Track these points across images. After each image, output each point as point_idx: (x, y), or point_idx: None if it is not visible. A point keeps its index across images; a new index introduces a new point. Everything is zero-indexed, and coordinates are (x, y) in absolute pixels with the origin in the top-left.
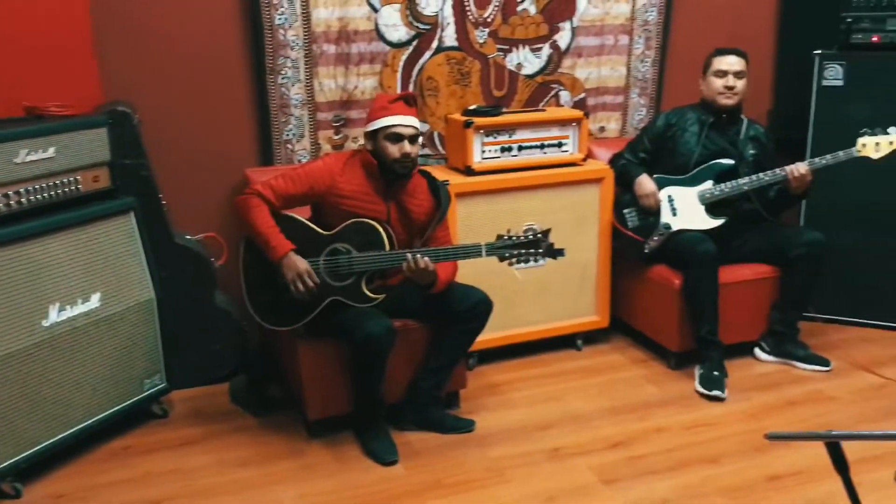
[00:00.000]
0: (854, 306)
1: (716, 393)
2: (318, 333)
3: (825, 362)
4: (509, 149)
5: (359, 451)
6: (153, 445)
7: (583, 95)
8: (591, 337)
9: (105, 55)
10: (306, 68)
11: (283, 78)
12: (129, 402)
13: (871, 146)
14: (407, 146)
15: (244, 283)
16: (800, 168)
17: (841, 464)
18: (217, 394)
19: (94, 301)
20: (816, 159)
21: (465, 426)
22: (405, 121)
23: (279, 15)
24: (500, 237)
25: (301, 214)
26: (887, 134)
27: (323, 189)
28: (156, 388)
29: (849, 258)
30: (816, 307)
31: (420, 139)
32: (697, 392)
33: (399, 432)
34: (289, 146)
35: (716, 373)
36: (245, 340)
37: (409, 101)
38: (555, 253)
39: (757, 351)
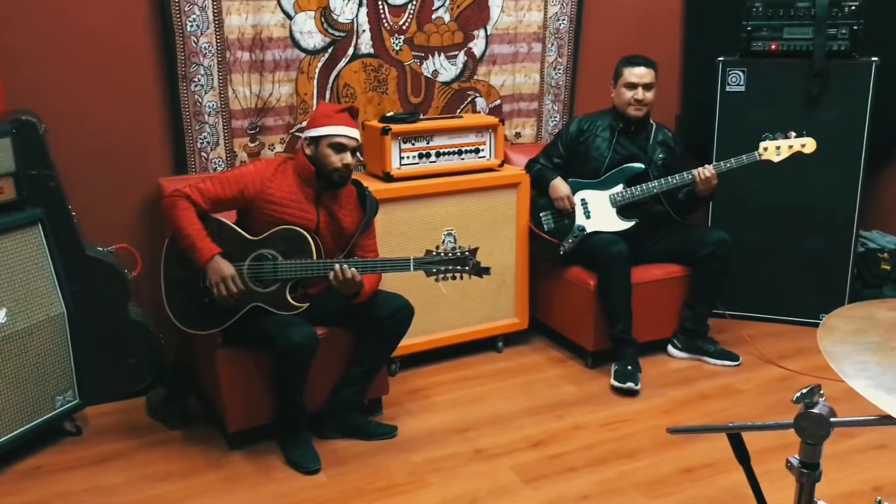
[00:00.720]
0: (760, 303)
1: (629, 385)
2: (236, 342)
3: (734, 357)
4: (427, 155)
5: (281, 461)
6: (66, 464)
7: (498, 102)
8: (511, 339)
9: (7, 62)
10: (220, 76)
11: (196, 85)
12: (39, 420)
13: (773, 150)
14: (348, 157)
15: (164, 283)
16: (706, 171)
17: (742, 454)
18: (133, 408)
19: (0, 317)
20: (722, 163)
21: (388, 432)
22: (350, 132)
23: (191, 22)
24: (428, 252)
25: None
26: (787, 138)
27: (253, 194)
28: (68, 405)
29: (754, 257)
30: (725, 304)
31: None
32: (612, 386)
33: (322, 440)
34: (203, 154)
35: (629, 367)
36: (161, 353)
37: (354, 114)
38: (481, 271)
39: (670, 348)
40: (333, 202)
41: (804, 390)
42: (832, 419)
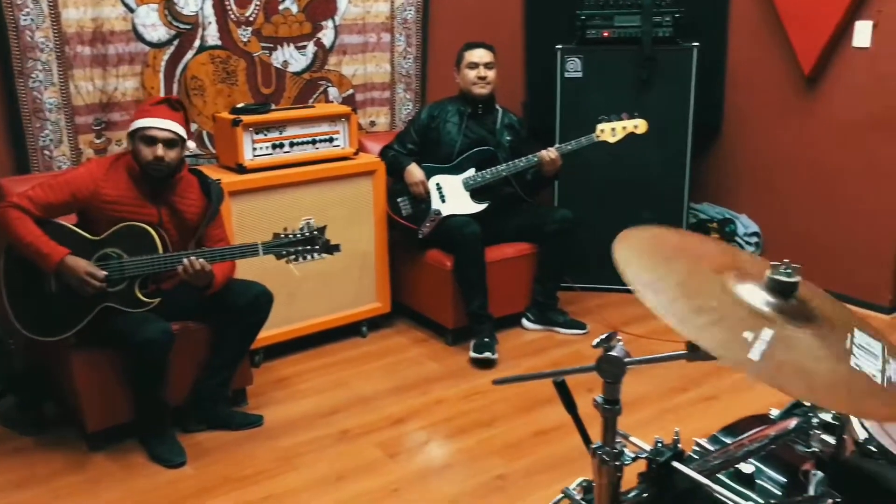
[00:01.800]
0: (605, 275)
1: (486, 355)
2: (91, 342)
3: (582, 326)
4: (281, 145)
5: (145, 458)
6: None
7: (351, 91)
8: (375, 323)
9: None
10: (60, 71)
11: (34, 81)
12: None
13: (609, 131)
14: (160, 150)
15: (6, 295)
16: (550, 153)
17: (568, 400)
18: None
19: None
20: (564, 145)
21: (254, 421)
22: (161, 124)
23: (24, 16)
24: (276, 235)
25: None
26: (620, 119)
27: (86, 196)
28: None
29: (598, 231)
30: (573, 277)
31: (187, 144)
32: (471, 358)
33: (186, 434)
34: (46, 153)
35: (487, 339)
36: (11, 359)
37: (174, 105)
38: (331, 248)
39: (523, 321)
40: (173, 195)
41: (603, 336)
42: (626, 360)
